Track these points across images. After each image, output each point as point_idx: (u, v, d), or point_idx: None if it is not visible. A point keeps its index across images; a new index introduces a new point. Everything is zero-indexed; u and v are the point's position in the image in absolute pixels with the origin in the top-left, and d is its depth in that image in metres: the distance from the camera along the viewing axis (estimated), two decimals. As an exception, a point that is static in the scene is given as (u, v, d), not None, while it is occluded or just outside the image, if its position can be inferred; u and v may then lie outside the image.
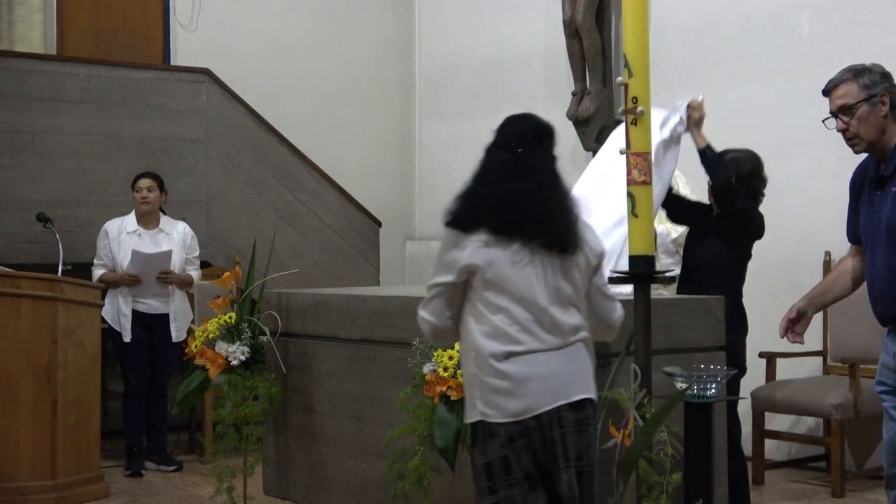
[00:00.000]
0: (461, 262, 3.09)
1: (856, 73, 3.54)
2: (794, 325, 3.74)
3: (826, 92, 3.59)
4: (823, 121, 3.63)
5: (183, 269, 6.42)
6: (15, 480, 5.38)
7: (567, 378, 3.07)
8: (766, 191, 6.57)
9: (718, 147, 5.13)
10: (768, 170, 6.57)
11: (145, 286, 6.28)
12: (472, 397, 3.14)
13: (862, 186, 3.58)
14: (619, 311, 3.31)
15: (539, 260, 3.07)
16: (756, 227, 4.93)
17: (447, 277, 3.14)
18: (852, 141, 3.54)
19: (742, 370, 4.81)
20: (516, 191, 3.11)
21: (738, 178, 4.91)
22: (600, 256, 3.22)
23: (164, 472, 6.33)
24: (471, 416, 3.15)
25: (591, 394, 3.12)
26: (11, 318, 5.43)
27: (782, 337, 3.81)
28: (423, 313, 3.21)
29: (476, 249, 3.07)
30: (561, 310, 3.09)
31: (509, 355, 3.05)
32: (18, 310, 5.44)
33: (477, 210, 3.11)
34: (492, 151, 3.28)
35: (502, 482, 3.07)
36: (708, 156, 4.75)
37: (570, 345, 3.10)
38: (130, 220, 6.40)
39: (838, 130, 3.57)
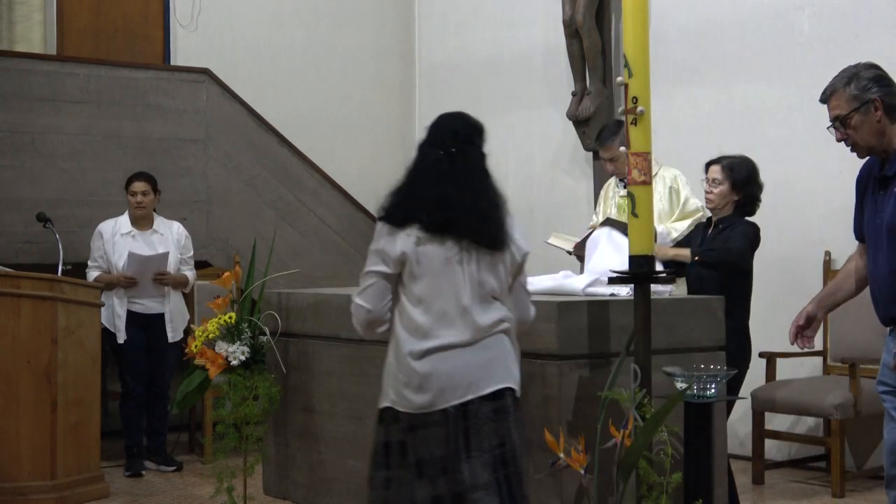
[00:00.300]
0: (395, 253, 3.20)
1: (846, 80, 3.51)
2: (804, 330, 3.74)
3: (823, 100, 3.59)
4: (828, 128, 3.63)
5: (178, 270, 6.42)
6: (15, 480, 5.38)
7: (480, 371, 3.17)
8: (767, 190, 6.59)
9: (714, 153, 5.12)
10: (769, 169, 6.59)
11: (141, 287, 6.27)
12: (387, 384, 3.28)
13: (867, 185, 3.58)
14: (534, 310, 3.48)
15: (468, 256, 3.19)
16: (746, 258, 4.88)
17: (381, 267, 3.24)
18: (853, 148, 3.55)
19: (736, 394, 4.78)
20: (450, 190, 3.21)
21: (735, 185, 4.90)
22: (524, 255, 3.33)
23: (164, 472, 6.34)
24: (381, 401, 3.29)
25: (509, 383, 3.21)
26: (11, 318, 5.43)
27: (792, 343, 3.82)
28: (359, 300, 3.29)
29: (408, 243, 3.18)
30: (483, 304, 3.20)
31: (425, 353, 3.16)
32: (18, 310, 5.44)
33: (411, 208, 3.21)
34: (425, 150, 3.35)
35: (396, 462, 3.22)
36: (703, 258, 4.78)
37: (489, 336, 3.20)
38: (124, 222, 6.39)
39: (837, 140, 3.57)
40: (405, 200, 3.24)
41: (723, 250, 4.76)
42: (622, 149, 4.02)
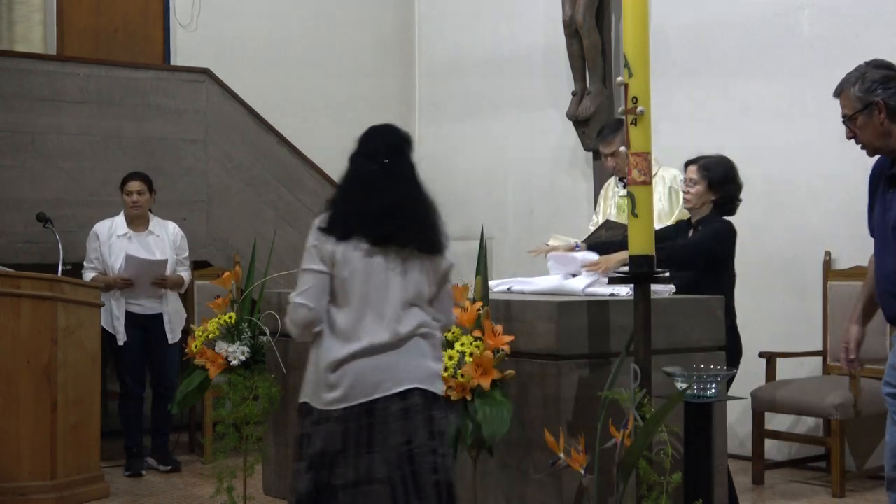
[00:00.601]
0: (327, 253, 3.31)
1: (854, 80, 3.51)
2: (855, 353, 3.75)
3: (835, 96, 3.59)
4: (843, 122, 3.62)
5: (174, 271, 6.41)
6: (15, 480, 5.38)
7: (389, 373, 3.28)
8: (767, 190, 6.60)
9: (714, 152, 5.10)
10: (769, 169, 6.60)
11: (138, 289, 6.27)
12: (307, 381, 3.40)
13: (878, 182, 3.57)
14: (454, 317, 3.62)
15: (405, 263, 3.33)
16: (718, 250, 4.83)
17: (319, 265, 3.34)
18: (861, 147, 3.55)
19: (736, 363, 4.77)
20: (391, 201, 3.34)
21: (711, 184, 4.86)
22: (451, 266, 3.45)
23: (163, 471, 6.33)
24: (300, 396, 3.42)
25: (420, 384, 3.30)
26: (11, 318, 5.43)
27: (847, 368, 3.86)
28: (299, 299, 3.34)
29: (342, 249, 3.30)
30: (408, 310, 3.32)
31: (344, 354, 3.28)
32: (18, 310, 5.44)
33: (351, 221, 3.32)
34: (357, 161, 3.45)
35: (306, 454, 3.34)
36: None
37: (408, 339, 3.31)
38: (120, 223, 6.39)
39: (847, 138, 3.57)
40: (344, 214, 3.35)
41: (669, 248, 4.66)
42: (622, 149, 4.02)
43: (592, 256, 4.73)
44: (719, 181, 4.89)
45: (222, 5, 8.27)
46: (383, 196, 3.34)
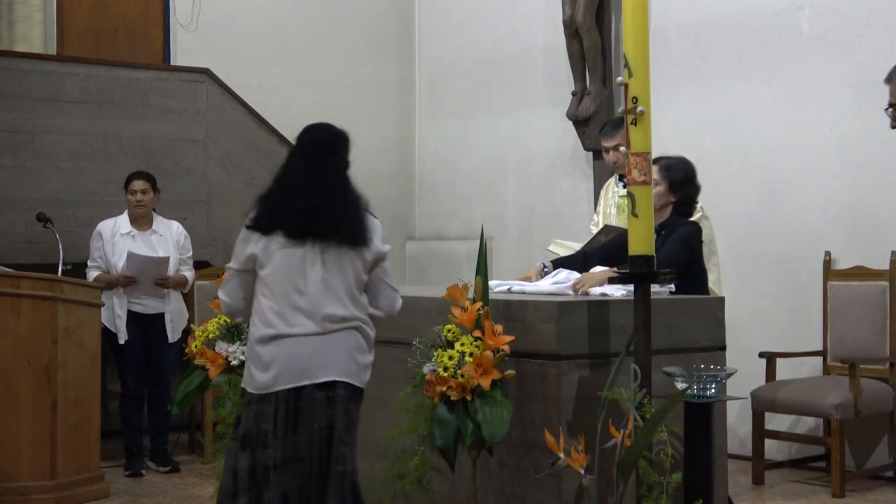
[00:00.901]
0: (246, 254, 3.62)
1: None
2: None
3: (886, 81, 3.60)
4: (885, 110, 3.63)
5: (177, 270, 6.42)
6: (15, 480, 5.38)
7: (317, 361, 3.53)
8: (767, 190, 6.61)
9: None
10: (769, 169, 6.61)
11: (140, 287, 6.27)
12: (245, 367, 3.70)
13: None
14: (400, 301, 3.80)
15: (326, 256, 3.55)
16: (691, 257, 4.71)
17: (236, 265, 3.70)
18: None
19: None
20: (314, 199, 3.57)
21: (672, 185, 4.80)
22: (379, 254, 3.67)
23: (162, 472, 6.33)
24: (242, 382, 3.72)
25: (342, 377, 3.56)
26: (11, 318, 5.43)
27: None
28: (220, 294, 3.76)
29: (263, 246, 3.57)
30: (334, 301, 3.56)
31: (269, 339, 3.55)
32: (18, 310, 5.44)
33: (276, 217, 3.58)
34: (291, 159, 3.70)
35: (240, 434, 3.61)
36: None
37: (336, 332, 3.56)
38: (124, 221, 6.39)
39: (892, 127, 3.57)
40: (270, 210, 3.61)
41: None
42: (622, 148, 4.01)
43: (573, 275, 4.63)
44: (680, 182, 4.82)
45: (222, 5, 8.27)
46: (306, 194, 3.58)
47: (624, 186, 5.49)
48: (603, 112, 7.43)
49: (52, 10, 7.75)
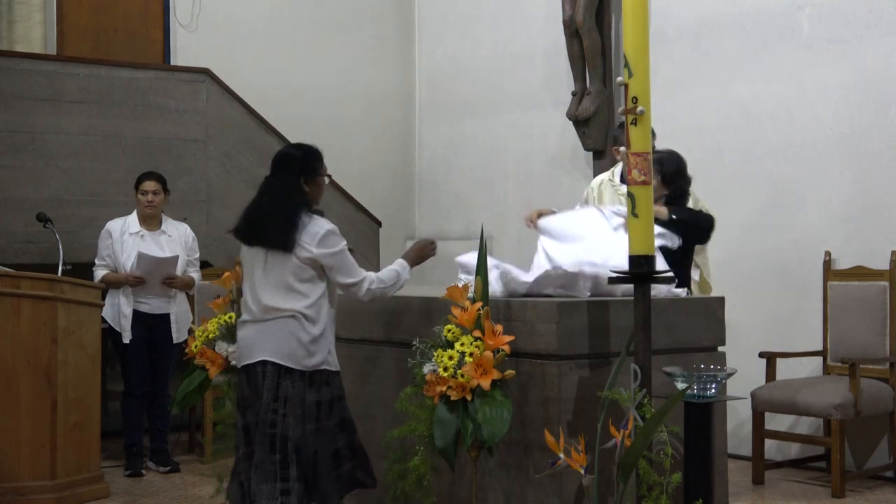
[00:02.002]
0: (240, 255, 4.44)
1: None
2: None
3: None
4: None
5: (184, 271, 6.42)
6: (15, 480, 5.38)
7: (254, 343, 4.21)
8: (767, 190, 6.60)
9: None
10: (769, 169, 6.60)
11: (148, 287, 6.27)
12: None
13: None
14: (362, 292, 4.23)
15: (264, 257, 4.21)
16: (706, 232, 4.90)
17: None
18: None
19: None
20: (250, 209, 4.33)
21: (664, 178, 4.83)
22: (312, 255, 4.14)
23: (161, 472, 6.33)
24: None
25: (271, 357, 4.15)
26: (11, 318, 5.43)
27: None
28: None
29: (244, 248, 4.37)
30: (270, 293, 4.18)
31: (239, 324, 4.37)
32: (18, 310, 5.44)
33: (238, 225, 4.37)
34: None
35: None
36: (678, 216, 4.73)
37: (270, 320, 4.17)
38: (133, 221, 6.39)
39: None
40: (239, 218, 4.39)
41: (688, 210, 4.70)
42: (622, 149, 4.01)
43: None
44: (672, 175, 4.85)
45: (222, 5, 8.27)
46: (251, 205, 4.35)
47: (622, 183, 5.53)
48: (603, 112, 7.43)
49: (52, 10, 7.75)
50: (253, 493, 4.14)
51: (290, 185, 4.26)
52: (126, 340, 6.25)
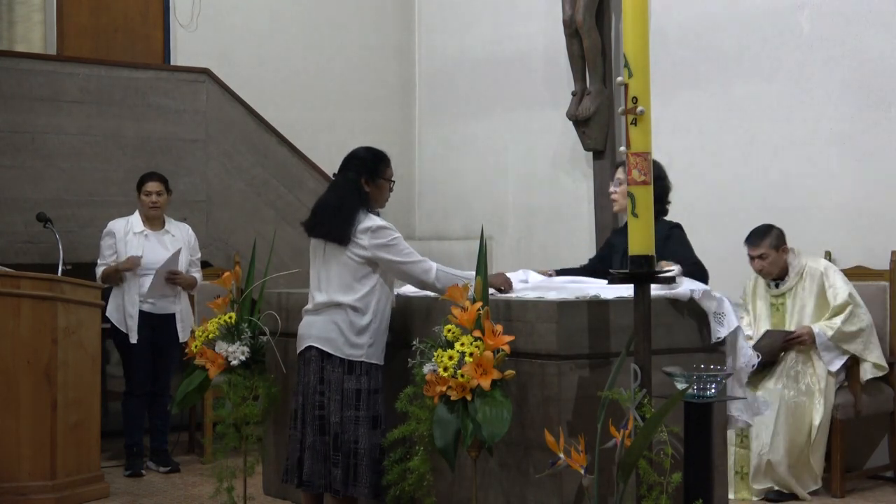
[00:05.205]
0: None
1: None
2: None
3: None
4: None
5: (187, 271, 6.42)
6: (15, 480, 5.38)
7: (306, 331, 4.50)
8: (767, 190, 6.60)
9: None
10: (769, 169, 6.60)
11: (154, 287, 6.24)
12: None
13: None
14: (429, 276, 4.37)
15: (323, 248, 4.47)
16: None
17: None
18: None
19: None
20: (316, 204, 4.58)
21: None
22: (367, 251, 4.35)
23: (161, 472, 6.33)
24: None
25: (316, 343, 4.44)
26: (11, 318, 5.43)
27: None
28: None
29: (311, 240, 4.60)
30: (324, 285, 4.45)
31: (302, 312, 4.60)
32: (18, 310, 5.44)
33: (307, 217, 4.62)
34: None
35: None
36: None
37: (324, 309, 4.44)
38: (136, 221, 6.39)
39: None
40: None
41: (692, 264, 4.67)
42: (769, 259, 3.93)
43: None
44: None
45: (222, 5, 8.28)
46: (319, 199, 4.60)
47: (776, 287, 5.86)
48: (603, 112, 7.43)
49: (52, 10, 7.75)
50: (306, 474, 4.43)
51: (351, 183, 4.47)
52: (133, 341, 6.24)
